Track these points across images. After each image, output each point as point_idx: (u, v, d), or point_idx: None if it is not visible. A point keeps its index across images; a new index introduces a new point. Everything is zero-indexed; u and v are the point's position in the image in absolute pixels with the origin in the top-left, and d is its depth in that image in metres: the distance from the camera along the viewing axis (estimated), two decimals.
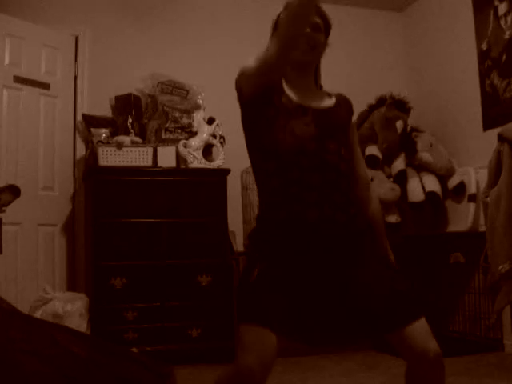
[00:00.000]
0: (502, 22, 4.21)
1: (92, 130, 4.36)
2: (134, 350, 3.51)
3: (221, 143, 4.40)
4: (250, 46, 4.98)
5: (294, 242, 1.89)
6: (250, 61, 1.95)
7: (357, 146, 2.14)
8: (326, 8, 2.05)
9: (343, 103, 2.11)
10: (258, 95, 1.98)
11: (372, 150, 4.29)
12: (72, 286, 4.45)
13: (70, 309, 3.76)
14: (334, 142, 1.95)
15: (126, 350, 2.95)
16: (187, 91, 4.46)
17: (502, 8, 4.21)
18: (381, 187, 4.13)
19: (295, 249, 1.88)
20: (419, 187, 4.29)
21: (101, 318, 3.92)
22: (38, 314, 3.66)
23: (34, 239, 4.28)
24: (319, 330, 1.90)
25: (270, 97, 1.97)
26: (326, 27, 2.07)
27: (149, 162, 4.18)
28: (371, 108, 4.53)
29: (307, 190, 1.88)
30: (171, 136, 4.34)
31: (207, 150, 4.39)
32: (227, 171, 4.31)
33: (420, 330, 1.82)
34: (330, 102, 2.05)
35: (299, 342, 1.97)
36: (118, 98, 4.52)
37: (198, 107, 4.44)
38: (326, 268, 1.87)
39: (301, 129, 1.92)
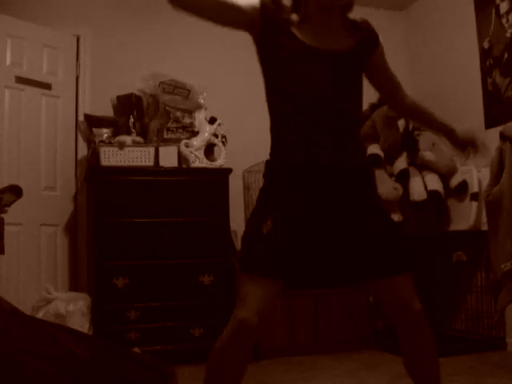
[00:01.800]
0: (504, 21, 4.21)
1: (94, 129, 4.37)
2: (136, 349, 3.51)
3: (222, 143, 4.40)
4: (252, 45, 5.01)
5: (309, 183, 1.89)
6: None
7: (388, 68, 2.13)
8: None
9: (367, 35, 2.03)
10: (256, 35, 1.96)
11: (374, 149, 4.28)
12: (74, 285, 4.45)
13: (73, 309, 3.76)
14: (349, 88, 1.95)
15: (128, 350, 2.95)
16: (189, 91, 4.46)
17: (504, 6, 4.20)
18: (383, 186, 4.12)
19: (309, 191, 1.89)
20: (421, 186, 4.29)
21: (103, 318, 3.93)
22: (40, 314, 3.67)
23: (35, 239, 4.28)
24: (321, 272, 1.97)
25: (274, 37, 1.91)
26: None
27: (150, 162, 4.18)
28: (373, 107, 4.52)
29: (323, 133, 1.88)
30: (173, 136, 4.34)
31: (209, 150, 4.39)
32: (229, 171, 4.31)
33: (406, 286, 1.93)
34: (351, 42, 1.97)
35: (300, 286, 2.05)
36: (119, 98, 4.52)
37: (199, 107, 4.43)
38: (335, 211, 1.91)
39: (317, 75, 1.89)
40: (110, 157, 4.11)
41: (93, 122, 4.43)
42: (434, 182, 4.31)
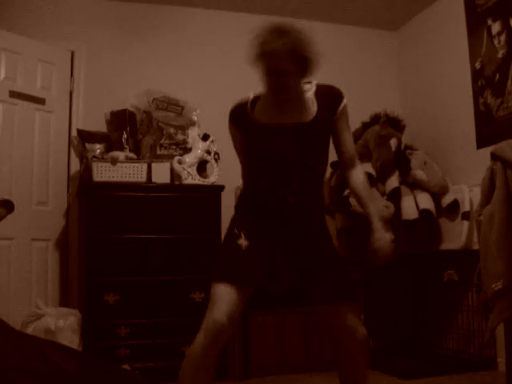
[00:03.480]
0: (496, 42, 4.25)
1: (87, 145, 4.37)
2: (126, 366, 3.49)
3: (215, 160, 4.41)
4: (245, 63, 5.03)
5: (276, 215, 2.31)
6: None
7: (343, 130, 2.38)
8: (321, 26, 2.03)
9: (329, 101, 2.32)
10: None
11: (366, 167, 4.29)
12: (65, 301, 4.42)
13: (63, 325, 3.74)
14: (313, 149, 2.32)
15: (118, 367, 2.93)
16: (182, 107, 4.47)
17: (496, 27, 4.25)
18: None
19: (275, 220, 2.31)
20: (413, 205, 4.29)
21: (93, 334, 3.90)
22: (29, 330, 3.64)
23: (27, 254, 4.25)
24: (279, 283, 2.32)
25: (246, 130, 2.37)
26: (302, 65, 2.18)
27: (143, 178, 4.19)
28: (365, 126, 4.54)
29: (290, 181, 2.28)
30: (166, 152, 4.35)
31: (201, 167, 4.40)
32: (221, 188, 4.31)
33: (351, 314, 2.29)
34: (311, 113, 2.30)
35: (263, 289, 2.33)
36: (113, 114, 4.53)
37: (192, 123, 4.45)
38: (293, 236, 2.31)
39: (283, 143, 2.28)
40: (103, 172, 4.11)
41: (86, 137, 4.43)
42: (425, 201, 4.32)
